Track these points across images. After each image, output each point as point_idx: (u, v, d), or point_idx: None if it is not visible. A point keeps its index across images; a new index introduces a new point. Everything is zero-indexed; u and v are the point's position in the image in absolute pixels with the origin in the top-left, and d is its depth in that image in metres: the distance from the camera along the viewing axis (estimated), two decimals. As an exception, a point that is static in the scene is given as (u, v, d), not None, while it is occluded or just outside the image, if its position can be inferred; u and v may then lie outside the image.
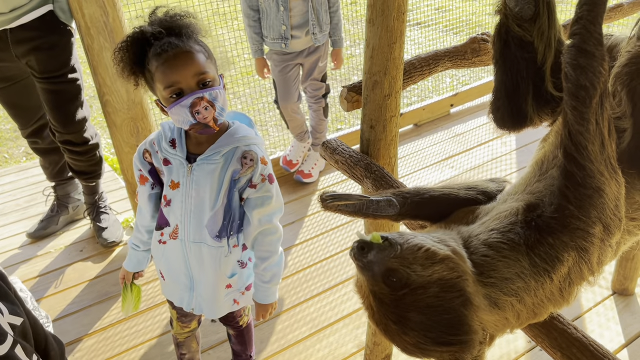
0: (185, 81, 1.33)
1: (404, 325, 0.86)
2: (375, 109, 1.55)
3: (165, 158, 1.49)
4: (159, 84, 1.35)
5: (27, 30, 2.40)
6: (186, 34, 1.38)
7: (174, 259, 1.59)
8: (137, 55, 1.37)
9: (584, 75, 0.83)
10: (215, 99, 1.37)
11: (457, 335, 0.84)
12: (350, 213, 1.20)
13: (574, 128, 0.86)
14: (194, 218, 1.50)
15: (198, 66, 1.35)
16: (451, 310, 0.84)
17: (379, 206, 1.14)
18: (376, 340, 1.83)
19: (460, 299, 0.85)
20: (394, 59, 1.49)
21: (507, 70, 1.10)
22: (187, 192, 1.48)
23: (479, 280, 0.88)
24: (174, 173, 1.49)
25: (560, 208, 0.88)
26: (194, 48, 1.37)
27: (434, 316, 0.84)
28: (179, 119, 1.38)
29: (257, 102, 4.81)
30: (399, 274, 0.85)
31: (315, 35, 3.05)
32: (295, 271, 2.75)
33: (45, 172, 3.05)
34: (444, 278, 0.85)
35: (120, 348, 2.34)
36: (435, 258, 0.86)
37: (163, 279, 1.68)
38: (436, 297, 0.84)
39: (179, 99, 1.34)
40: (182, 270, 1.61)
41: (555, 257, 0.88)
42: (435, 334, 0.85)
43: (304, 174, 3.44)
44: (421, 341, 0.85)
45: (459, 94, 4.21)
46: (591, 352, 1.04)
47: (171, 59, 1.33)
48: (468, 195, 1.08)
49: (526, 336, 2.28)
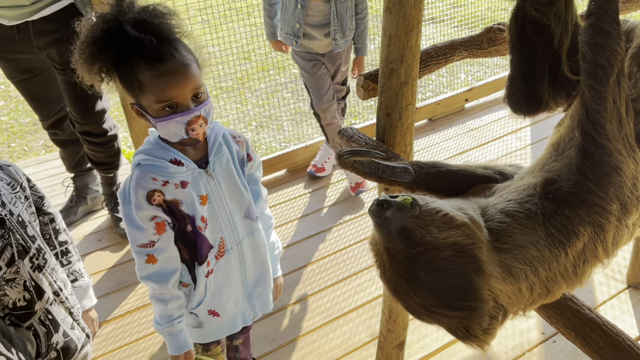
0: (182, 97, 1.27)
1: (414, 284, 0.87)
2: (391, 97, 1.57)
3: (182, 181, 1.38)
4: (150, 96, 1.27)
5: (48, 23, 2.45)
6: (174, 39, 1.29)
7: (227, 279, 1.54)
8: (115, 55, 1.26)
9: (601, 54, 0.85)
10: (208, 115, 1.33)
11: (466, 300, 0.85)
12: (366, 174, 1.20)
13: (592, 107, 0.87)
14: (236, 214, 1.51)
15: (195, 81, 1.29)
16: (462, 276, 0.85)
17: (395, 172, 1.15)
18: (390, 328, 1.85)
19: (472, 265, 0.86)
20: (411, 47, 1.50)
21: (523, 55, 1.12)
22: (218, 196, 1.45)
23: (494, 246, 0.89)
24: (195, 189, 1.40)
25: (578, 184, 0.89)
26: (189, 59, 1.30)
27: (445, 279, 0.86)
28: (169, 132, 1.31)
29: (272, 97, 4.84)
30: (415, 233, 0.86)
31: (337, 41, 2.95)
32: (309, 262, 2.77)
33: (64, 163, 3.10)
34: (458, 243, 0.86)
35: (138, 335, 2.39)
36: (452, 223, 0.88)
37: (218, 316, 1.57)
38: (448, 261, 0.86)
39: (172, 112, 1.28)
40: (238, 283, 1.57)
41: (571, 229, 0.89)
42: (444, 297, 0.86)
43: (317, 167, 3.46)
44: (429, 302, 0.87)
45: (473, 89, 4.20)
46: (605, 332, 1.05)
47: (170, 73, 1.25)
48: (485, 173, 1.10)
49: (539, 328, 2.29)
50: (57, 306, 1.38)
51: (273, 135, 4.35)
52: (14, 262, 1.25)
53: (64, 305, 1.41)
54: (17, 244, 1.26)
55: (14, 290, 1.25)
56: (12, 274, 1.25)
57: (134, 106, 1.34)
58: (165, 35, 1.26)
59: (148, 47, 1.22)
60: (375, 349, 2.00)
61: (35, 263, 1.31)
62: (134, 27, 1.22)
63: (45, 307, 1.33)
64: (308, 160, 3.57)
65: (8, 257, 1.24)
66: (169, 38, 1.27)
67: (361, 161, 1.24)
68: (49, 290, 1.35)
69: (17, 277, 1.26)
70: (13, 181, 1.36)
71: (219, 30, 3.57)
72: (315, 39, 2.98)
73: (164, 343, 2.33)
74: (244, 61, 4.92)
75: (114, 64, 1.27)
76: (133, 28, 1.22)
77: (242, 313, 1.64)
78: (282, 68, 5.35)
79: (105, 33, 1.23)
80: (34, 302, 1.30)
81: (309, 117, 4.54)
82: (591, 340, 1.06)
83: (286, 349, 2.28)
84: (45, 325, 1.33)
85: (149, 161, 1.36)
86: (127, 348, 2.32)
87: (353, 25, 2.99)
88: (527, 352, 2.20)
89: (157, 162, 1.36)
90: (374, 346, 2.23)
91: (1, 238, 1.23)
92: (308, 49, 3.06)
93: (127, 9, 1.25)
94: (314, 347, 2.29)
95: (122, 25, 1.22)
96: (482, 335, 0.87)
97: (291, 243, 2.92)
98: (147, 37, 1.22)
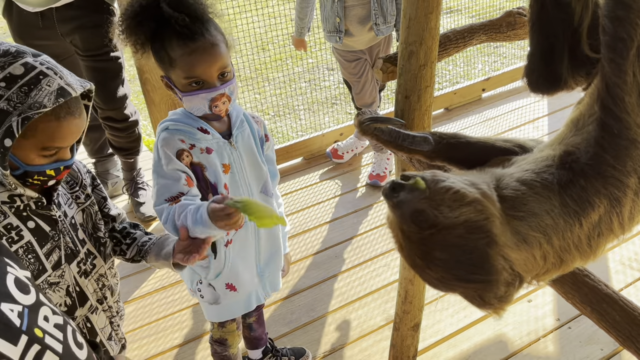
0: (209, 75, 1.35)
1: (429, 261, 0.90)
2: (410, 79, 1.58)
3: (207, 147, 1.44)
4: (179, 71, 1.35)
5: (71, 9, 2.50)
6: (206, 19, 1.36)
7: (244, 252, 1.59)
8: (151, 30, 1.34)
9: (622, 27, 0.85)
10: (232, 93, 1.41)
11: (480, 274, 0.87)
12: (385, 142, 1.22)
13: (611, 80, 0.88)
14: (255, 186, 1.56)
15: (223, 60, 1.36)
16: (475, 250, 0.87)
17: (414, 140, 1.17)
18: (405, 309, 1.87)
19: (485, 239, 0.88)
20: (430, 29, 1.51)
21: (543, 32, 1.12)
22: (240, 167, 1.51)
23: (508, 214, 0.91)
24: (219, 157, 1.46)
25: (596, 156, 0.90)
26: (219, 39, 1.36)
27: (458, 255, 0.88)
28: (194, 106, 1.39)
29: (289, 86, 4.87)
30: (426, 215, 0.88)
31: (378, 26, 2.90)
32: (325, 247, 2.80)
33: (86, 149, 3.17)
34: (470, 220, 0.88)
35: (158, 315, 2.44)
36: (463, 200, 0.89)
37: (235, 291, 1.61)
38: (461, 238, 0.88)
39: (199, 88, 1.36)
40: (252, 259, 1.62)
41: (586, 200, 0.90)
42: (459, 271, 0.88)
43: (336, 153, 3.48)
44: (445, 276, 0.89)
45: (490, 78, 4.18)
46: (621, 307, 1.06)
47: (199, 52, 1.32)
48: (505, 145, 1.11)
49: (554, 314, 2.29)
50: (98, 315, 1.34)
51: (290, 125, 4.38)
52: (60, 265, 1.21)
53: (106, 314, 1.37)
54: (66, 247, 1.23)
55: (56, 294, 1.22)
56: (57, 277, 1.22)
57: (163, 79, 1.42)
58: (198, 15, 1.34)
59: (181, 25, 1.30)
60: (390, 332, 2.02)
61: (82, 268, 1.27)
62: (169, 5, 1.30)
63: (85, 314, 1.30)
64: (324, 148, 3.60)
65: (55, 260, 1.20)
66: (202, 18, 1.35)
67: (381, 128, 1.26)
68: (92, 297, 1.31)
69: (61, 282, 1.23)
70: (72, 179, 1.31)
71: (237, 19, 3.60)
72: (357, 36, 2.94)
73: (182, 324, 2.38)
74: (261, 51, 4.95)
75: (148, 38, 1.35)
76: (169, 6, 1.30)
77: (255, 291, 1.69)
78: (299, 58, 5.37)
79: (143, 8, 1.32)
80: (74, 308, 1.26)
81: (325, 106, 4.56)
82: (607, 315, 1.08)
83: (302, 331, 2.32)
84: (83, 333, 1.29)
85: (176, 126, 1.43)
86: (147, 328, 2.38)
87: (394, 10, 2.93)
88: (542, 338, 2.20)
89: (185, 128, 1.43)
90: (389, 329, 2.25)
91: (51, 239, 1.19)
92: (349, 48, 3.03)
93: None
94: (329, 329, 2.32)
95: (159, 3, 1.30)
96: (497, 303, 0.89)
97: (307, 229, 2.95)
98: (181, 15, 1.30)
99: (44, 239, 1.18)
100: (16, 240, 1.13)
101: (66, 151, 1.16)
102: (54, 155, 1.13)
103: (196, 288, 1.63)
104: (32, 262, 1.16)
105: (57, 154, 1.13)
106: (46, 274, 1.19)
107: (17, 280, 0.72)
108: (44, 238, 1.18)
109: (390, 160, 3.23)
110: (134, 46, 1.36)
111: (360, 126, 1.28)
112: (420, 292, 1.84)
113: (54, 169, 1.14)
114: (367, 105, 3.17)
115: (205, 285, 1.60)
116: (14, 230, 1.13)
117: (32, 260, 1.16)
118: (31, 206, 1.16)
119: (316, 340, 2.27)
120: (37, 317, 0.70)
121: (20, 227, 1.14)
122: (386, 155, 3.22)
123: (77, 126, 1.13)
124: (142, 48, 1.37)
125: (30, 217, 1.16)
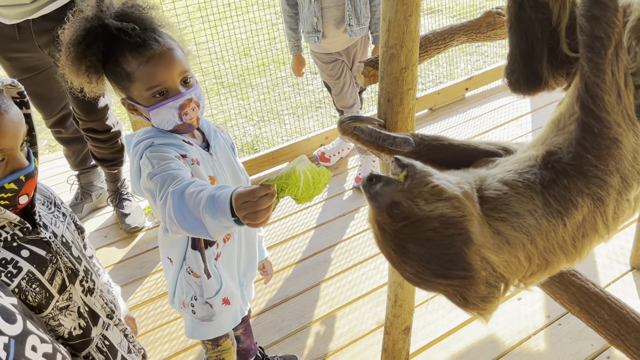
0: (171, 80, 1.29)
1: (403, 255, 0.90)
2: (392, 82, 1.57)
3: (197, 158, 1.39)
4: (139, 84, 1.28)
5: (49, 21, 2.46)
6: (156, 29, 1.32)
7: (230, 264, 1.55)
8: (101, 51, 1.28)
9: (599, 26, 0.86)
10: (199, 99, 1.35)
11: (456, 270, 0.87)
12: (366, 142, 1.22)
13: (590, 80, 0.88)
14: None
15: (181, 65, 1.31)
16: (450, 246, 0.87)
17: (395, 141, 1.17)
18: (396, 313, 1.86)
19: (461, 237, 0.87)
20: (410, 32, 1.51)
21: (521, 33, 1.12)
22: (223, 177, 1.48)
23: (489, 215, 0.91)
24: (205, 168, 1.41)
25: (578, 156, 0.90)
26: (173, 44, 1.32)
27: (432, 249, 0.88)
28: (163, 119, 1.32)
29: (272, 91, 4.85)
30: (402, 206, 0.88)
31: (352, 27, 2.91)
32: (314, 253, 2.79)
33: (68, 161, 3.13)
34: (445, 215, 0.88)
35: (146, 328, 2.41)
36: (441, 195, 0.89)
37: (229, 304, 1.57)
38: (435, 232, 0.88)
39: (164, 99, 1.29)
40: (235, 271, 1.58)
41: (569, 200, 0.90)
42: (434, 266, 0.88)
43: (323, 156, 3.47)
44: (420, 271, 0.89)
45: (473, 77, 4.20)
46: (609, 305, 1.06)
47: (156, 58, 1.27)
48: (488, 148, 1.11)
49: (544, 311, 2.30)
50: (112, 330, 1.29)
51: (275, 130, 4.36)
52: (65, 287, 1.15)
53: (119, 327, 1.32)
54: (66, 267, 1.16)
55: (68, 318, 1.16)
56: (65, 300, 1.15)
57: (125, 101, 1.35)
58: (147, 24, 1.30)
59: (132, 36, 1.25)
60: (382, 335, 2.01)
61: (85, 286, 1.21)
62: (116, 19, 1.26)
63: (101, 332, 1.25)
64: (310, 152, 3.58)
65: (59, 284, 1.14)
66: (151, 27, 1.30)
67: (362, 128, 1.25)
68: (102, 313, 1.26)
69: (71, 304, 1.16)
70: (45, 199, 1.26)
71: (218, 25, 3.58)
72: (332, 37, 2.95)
73: (170, 337, 2.35)
74: (244, 56, 4.93)
75: (100, 59, 1.29)
76: (115, 20, 1.26)
77: (241, 300, 1.66)
78: (282, 63, 5.36)
79: (87, 31, 1.26)
80: (89, 329, 1.21)
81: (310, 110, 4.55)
82: (595, 314, 1.08)
83: (293, 338, 2.30)
84: (103, 352, 1.24)
85: (162, 140, 1.33)
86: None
87: (368, 13, 2.95)
88: (532, 336, 2.21)
89: (171, 140, 1.35)
90: (381, 333, 2.24)
91: (50, 263, 1.12)
92: (325, 50, 3.03)
93: (107, 7, 1.29)
94: (320, 335, 2.31)
95: (104, 20, 1.25)
96: (480, 303, 0.88)
97: (295, 234, 2.93)
98: (130, 25, 1.25)
99: (43, 264, 1.11)
100: (15, 273, 1.06)
101: (16, 157, 1.07)
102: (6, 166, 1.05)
103: (189, 303, 1.56)
104: (38, 292, 1.09)
105: (7, 163, 1.05)
106: (54, 299, 1.13)
107: (3, 309, 0.70)
108: (42, 263, 1.11)
109: (375, 163, 3.24)
110: (86, 74, 1.29)
111: (341, 125, 1.27)
112: (410, 295, 1.84)
113: (13, 181, 1.06)
114: (348, 107, 3.17)
115: (201, 303, 1.54)
116: (10, 264, 1.06)
117: (38, 289, 1.09)
118: (18, 234, 1.09)
119: (308, 346, 2.25)
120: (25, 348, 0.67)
121: (15, 259, 1.07)
122: (371, 157, 3.22)
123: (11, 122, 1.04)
124: (95, 73, 1.30)
125: (22, 246, 1.09)
